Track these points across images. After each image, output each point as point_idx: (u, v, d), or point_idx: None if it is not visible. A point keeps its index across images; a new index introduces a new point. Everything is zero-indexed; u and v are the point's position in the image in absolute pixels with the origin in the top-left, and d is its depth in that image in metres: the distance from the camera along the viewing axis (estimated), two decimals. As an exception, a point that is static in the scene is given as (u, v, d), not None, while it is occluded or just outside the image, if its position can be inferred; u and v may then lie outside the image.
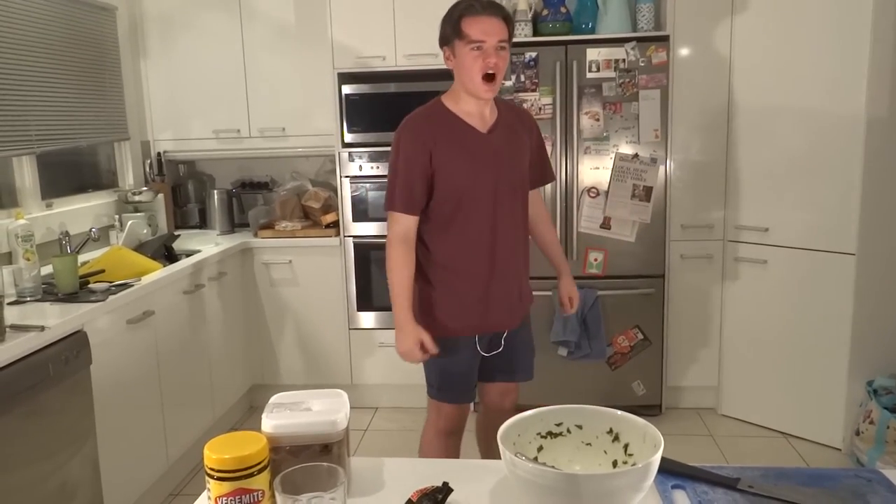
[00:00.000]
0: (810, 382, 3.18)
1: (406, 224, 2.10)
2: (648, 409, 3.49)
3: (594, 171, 3.35)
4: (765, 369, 3.32)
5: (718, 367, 3.49)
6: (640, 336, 3.44)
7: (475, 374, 2.27)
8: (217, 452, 1.03)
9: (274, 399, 1.21)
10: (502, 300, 2.19)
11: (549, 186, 3.34)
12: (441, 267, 2.16)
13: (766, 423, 3.36)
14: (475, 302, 2.16)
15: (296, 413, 1.15)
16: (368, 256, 3.61)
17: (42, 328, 2.08)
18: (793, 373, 3.23)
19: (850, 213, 2.97)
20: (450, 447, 2.34)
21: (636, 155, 3.32)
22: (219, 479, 1.03)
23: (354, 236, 3.62)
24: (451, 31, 2.06)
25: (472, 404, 2.41)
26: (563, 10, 3.41)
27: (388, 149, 2.18)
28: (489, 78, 2.03)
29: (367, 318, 3.68)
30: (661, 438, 1.07)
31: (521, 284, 2.24)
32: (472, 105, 2.12)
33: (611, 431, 1.18)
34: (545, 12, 3.42)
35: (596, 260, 3.40)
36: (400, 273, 2.10)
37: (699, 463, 1.23)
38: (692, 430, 3.38)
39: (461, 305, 2.17)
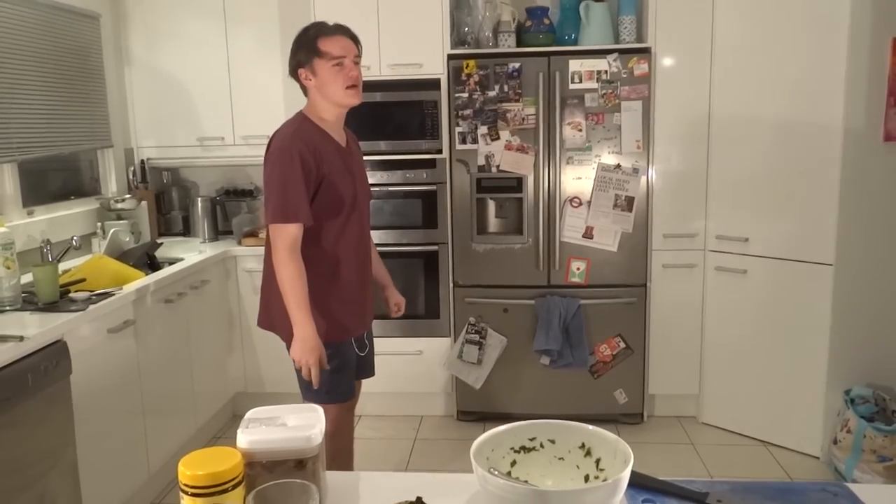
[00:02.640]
0: (789, 391, 3.22)
1: (297, 235, 2.16)
2: (630, 418, 3.52)
3: (577, 181, 3.38)
4: (744, 378, 3.36)
5: (699, 376, 3.52)
6: (623, 345, 3.46)
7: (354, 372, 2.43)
8: (191, 468, 1.03)
9: (250, 414, 1.22)
10: (370, 301, 2.43)
11: (531, 196, 3.39)
12: (334, 274, 2.28)
13: (745, 432, 3.39)
14: (359, 303, 2.36)
15: (271, 429, 1.16)
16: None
17: (21, 338, 2.07)
18: (772, 382, 3.26)
19: (827, 223, 3.01)
20: (341, 449, 2.42)
21: (618, 165, 3.35)
22: (193, 494, 1.03)
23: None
24: (307, 53, 2.19)
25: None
26: (546, 21, 3.45)
27: (374, 158, 2.20)
28: (352, 87, 2.20)
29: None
30: (632, 454, 1.09)
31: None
32: (333, 119, 2.26)
33: (583, 446, 1.20)
34: (529, 23, 3.46)
35: (578, 269, 3.43)
36: (300, 284, 2.15)
37: (679, 472, 1.26)
38: (673, 439, 3.41)
39: (351, 308, 2.33)
